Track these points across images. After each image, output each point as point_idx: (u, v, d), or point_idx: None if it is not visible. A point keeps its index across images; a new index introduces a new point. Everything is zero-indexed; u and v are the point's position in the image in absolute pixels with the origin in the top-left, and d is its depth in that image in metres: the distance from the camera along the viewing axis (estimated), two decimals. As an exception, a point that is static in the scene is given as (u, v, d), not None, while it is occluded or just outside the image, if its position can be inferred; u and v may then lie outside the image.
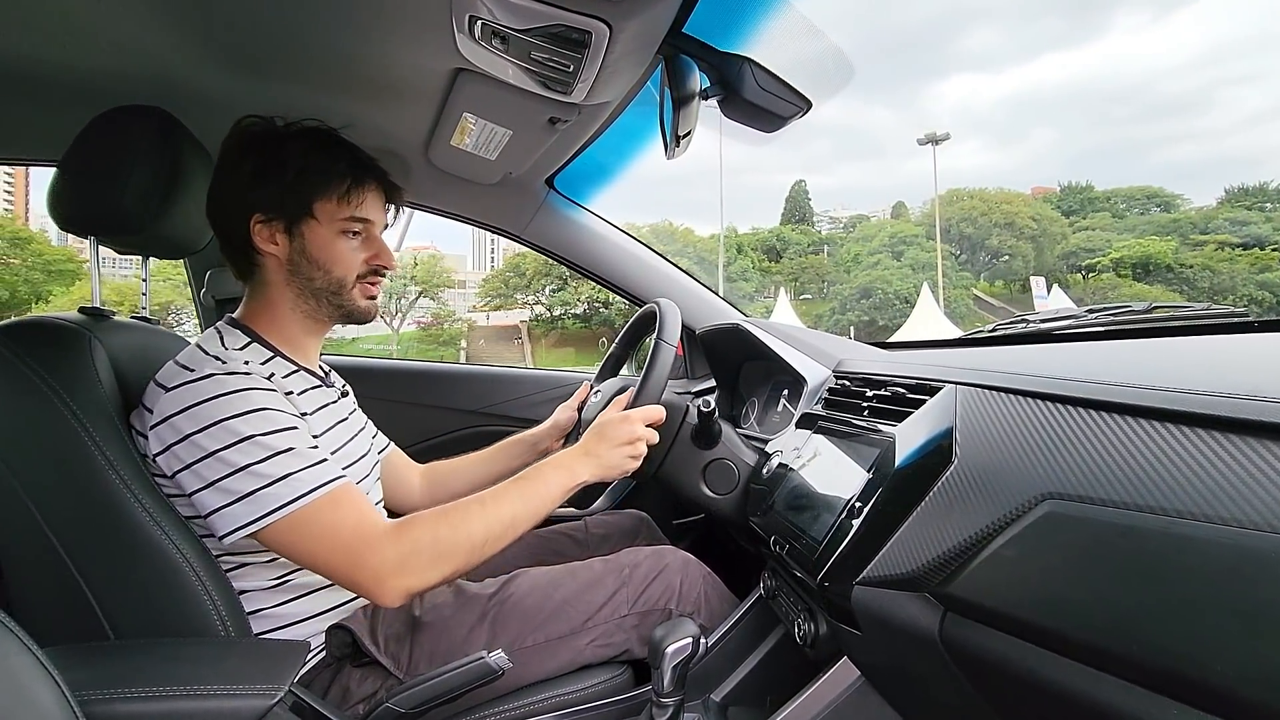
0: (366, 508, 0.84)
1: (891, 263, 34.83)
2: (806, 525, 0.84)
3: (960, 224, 36.93)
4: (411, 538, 0.82)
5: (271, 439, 0.81)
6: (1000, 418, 0.65)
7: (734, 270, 36.76)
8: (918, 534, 0.66)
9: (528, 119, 1.04)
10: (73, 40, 1.00)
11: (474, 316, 34.23)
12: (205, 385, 0.82)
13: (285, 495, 0.79)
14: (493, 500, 0.88)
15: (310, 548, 0.81)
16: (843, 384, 1.05)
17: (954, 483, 0.65)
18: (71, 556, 0.77)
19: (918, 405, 0.80)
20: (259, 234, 0.93)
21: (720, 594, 1.09)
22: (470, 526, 0.85)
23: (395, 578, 0.80)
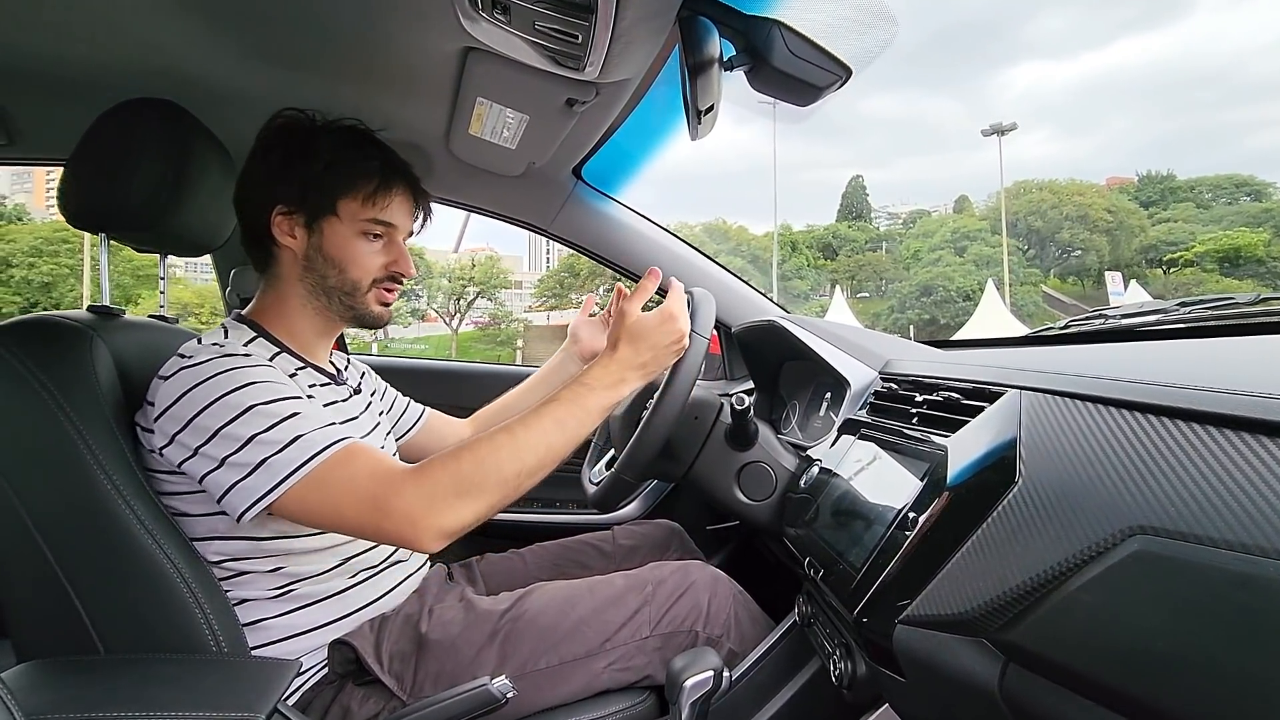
0: (381, 456, 0.79)
1: (954, 259, 33.61)
2: (845, 548, 0.74)
3: (1028, 217, 35.36)
4: (432, 475, 0.76)
5: (274, 406, 0.77)
6: (1075, 430, 0.55)
7: (788, 268, 36.16)
8: (974, 566, 0.56)
9: (544, 102, 0.97)
10: (83, 35, 0.98)
11: (530, 316, 34.74)
12: (201, 368, 0.79)
13: (298, 458, 0.75)
14: (524, 429, 0.80)
15: (333, 506, 0.75)
16: (890, 387, 0.94)
17: (1018, 506, 0.55)
18: (61, 564, 0.74)
19: (975, 413, 0.70)
20: (279, 225, 0.90)
21: (752, 616, 1.00)
22: (498, 456, 0.78)
23: (427, 517, 0.74)
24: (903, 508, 0.68)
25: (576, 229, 1.43)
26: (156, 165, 0.89)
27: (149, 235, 0.97)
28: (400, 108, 1.13)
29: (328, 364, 1.02)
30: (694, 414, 1.03)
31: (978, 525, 0.57)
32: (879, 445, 0.84)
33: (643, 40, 0.78)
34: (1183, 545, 0.42)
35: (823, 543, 0.80)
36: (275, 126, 0.92)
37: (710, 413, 1.04)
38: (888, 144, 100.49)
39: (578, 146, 1.19)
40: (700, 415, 1.03)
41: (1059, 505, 0.51)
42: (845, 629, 0.69)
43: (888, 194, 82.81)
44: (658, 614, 0.94)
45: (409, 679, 0.87)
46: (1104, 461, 0.50)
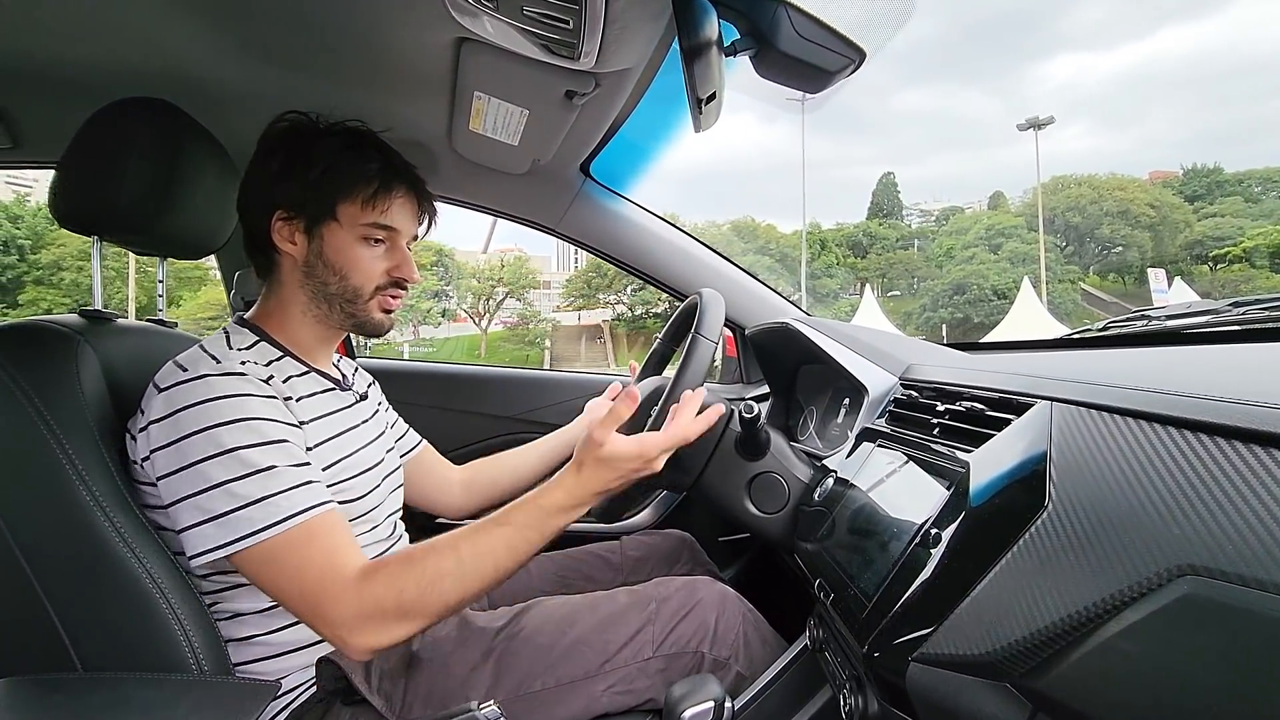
0: (341, 545, 0.76)
1: (988, 256, 32.89)
2: (857, 571, 0.68)
3: (1066, 213, 34.44)
4: (374, 593, 0.73)
5: (253, 454, 0.74)
6: (1115, 449, 0.48)
7: (817, 267, 35.75)
8: (997, 600, 0.50)
9: (542, 95, 0.93)
10: (84, 36, 0.97)
11: (558, 316, 34.91)
12: (196, 387, 0.76)
13: (259, 520, 0.72)
14: (471, 550, 0.77)
15: (276, 584, 0.74)
16: (910, 395, 0.88)
17: (1048, 533, 0.49)
18: (38, 577, 0.72)
19: (1001, 425, 0.63)
20: (279, 231, 0.88)
21: (763, 637, 0.94)
22: (443, 583, 0.75)
23: (356, 635, 0.72)
24: (920, 529, 0.62)
25: (585, 228, 1.38)
26: (147, 165, 0.87)
27: (142, 238, 0.95)
28: (401, 105, 1.10)
29: (332, 369, 0.99)
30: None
31: (1002, 553, 0.51)
32: (898, 457, 0.78)
33: (639, 26, 0.73)
34: (1242, 591, 0.36)
35: (834, 563, 0.74)
36: (277, 130, 0.90)
37: (719, 421, 0.98)
38: (920, 140, 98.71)
39: (583, 142, 1.14)
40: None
41: (1095, 535, 0.45)
42: (855, 661, 0.63)
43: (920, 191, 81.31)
44: (661, 634, 0.90)
45: (398, 699, 0.83)
46: (1148, 487, 0.44)
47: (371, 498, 0.92)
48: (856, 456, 0.89)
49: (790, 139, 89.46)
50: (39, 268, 22.71)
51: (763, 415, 1.31)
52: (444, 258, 30.17)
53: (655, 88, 1.01)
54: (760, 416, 0.93)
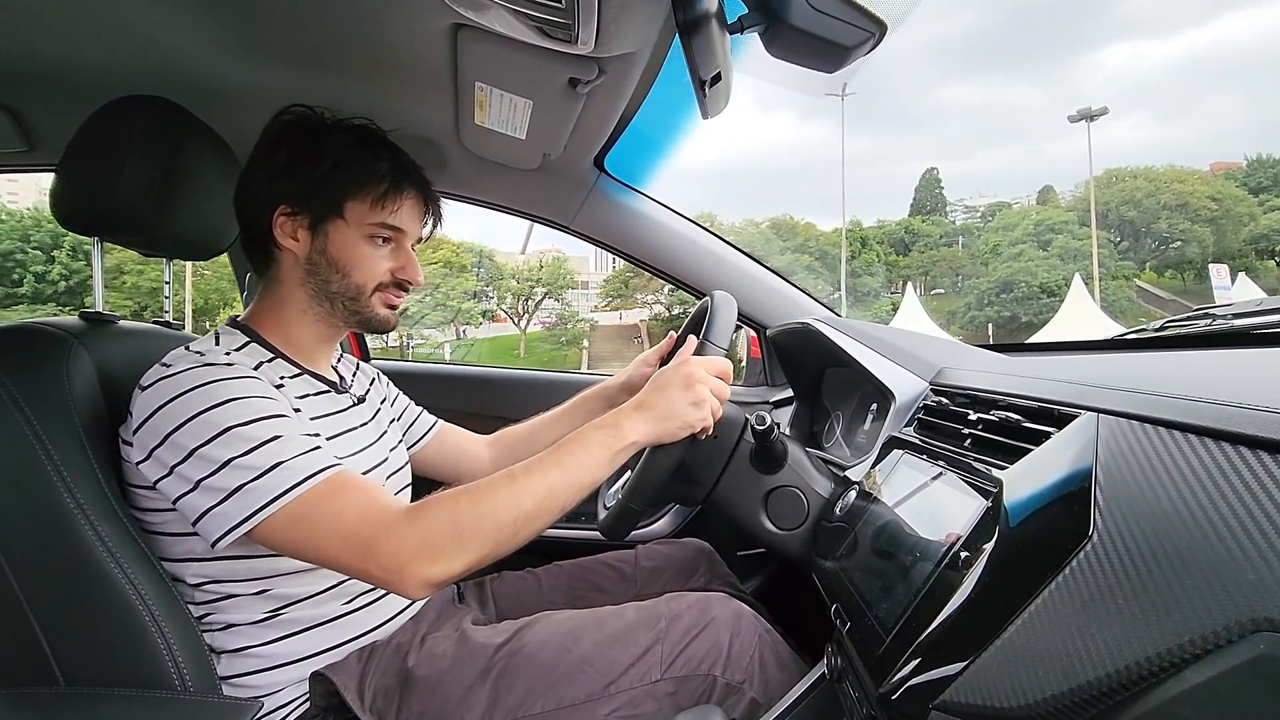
0: (374, 490, 0.73)
1: (1036, 253, 31.80)
2: (875, 598, 0.62)
3: (1121, 207, 33.08)
4: (427, 518, 0.70)
5: (253, 428, 0.71)
6: (1174, 472, 0.41)
7: (858, 265, 35.08)
8: (1031, 645, 0.43)
9: (544, 84, 0.88)
10: (93, 37, 0.96)
11: (596, 316, 35.05)
12: (180, 379, 0.73)
13: (278, 486, 0.69)
14: (524, 473, 0.74)
15: (316, 541, 0.69)
16: (940, 401, 0.80)
17: (1091, 569, 0.42)
18: (21, 586, 0.70)
19: (1040, 439, 0.56)
20: (281, 227, 0.85)
21: (781, 660, 0.87)
22: (497, 501, 0.71)
23: (414, 563, 0.68)
24: (945, 555, 0.55)
25: (600, 224, 1.33)
26: (144, 163, 0.86)
27: (143, 238, 0.93)
28: (406, 100, 1.07)
29: (329, 370, 0.96)
30: (713, 433, 0.92)
31: (1039, 589, 0.44)
32: (926, 471, 0.71)
33: (638, 6, 0.68)
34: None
35: (852, 587, 0.67)
36: (282, 123, 0.87)
37: (732, 431, 0.92)
38: (964, 134, 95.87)
39: (594, 135, 1.09)
40: (721, 434, 0.92)
41: (1150, 575, 0.38)
42: (870, 702, 0.57)
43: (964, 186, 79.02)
44: (671, 654, 0.84)
45: (391, 717, 0.79)
46: (1216, 521, 0.37)
47: None
48: (881, 468, 0.82)
49: (830, 135, 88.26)
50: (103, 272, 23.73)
51: (783, 424, 1.25)
52: (484, 259, 30.56)
53: (666, 76, 0.95)
54: (775, 428, 0.87)
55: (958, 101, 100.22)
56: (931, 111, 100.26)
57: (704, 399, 0.82)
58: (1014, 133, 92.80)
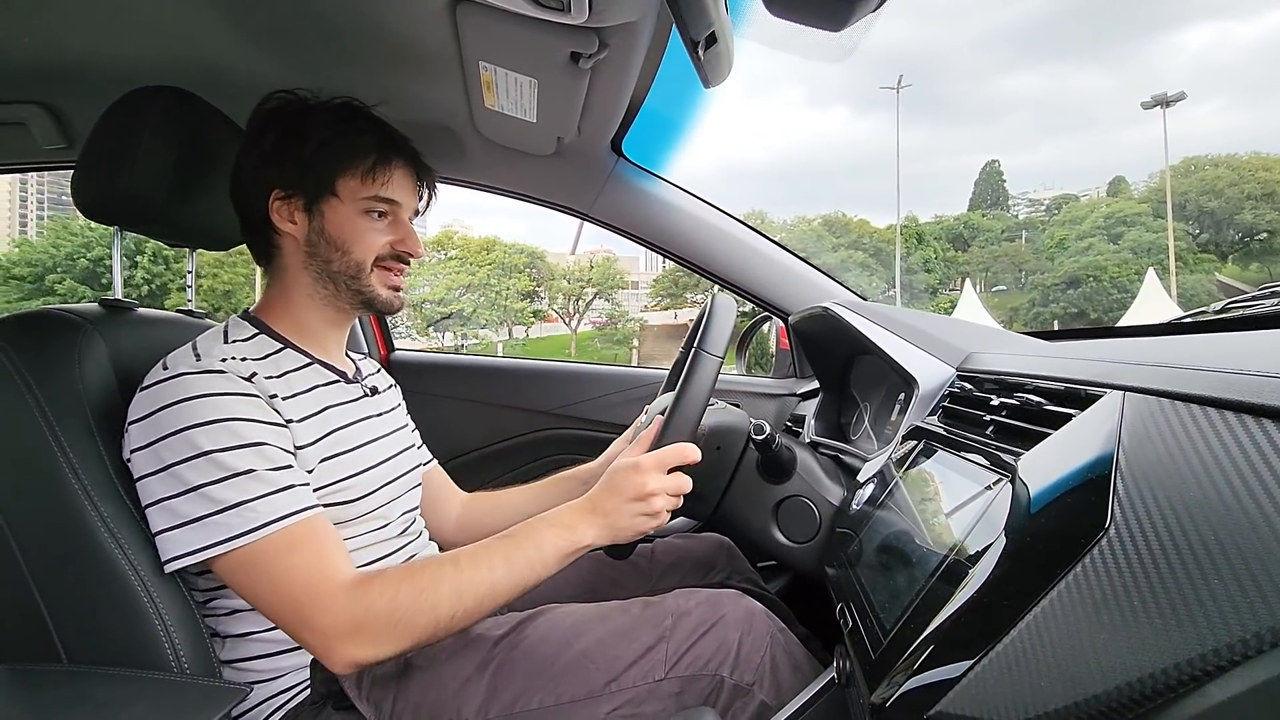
0: (328, 552, 0.72)
1: (1106, 247, 30.26)
2: (880, 598, 0.57)
3: (1200, 197, 31.17)
4: (366, 602, 0.69)
5: (230, 457, 0.71)
6: (1206, 455, 0.35)
7: (914, 261, 34.09)
8: (1035, 651, 0.38)
9: (546, 59, 0.86)
10: (107, 26, 0.99)
11: (646, 316, 35.12)
12: (172, 387, 0.74)
13: (235, 527, 0.69)
14: (470, 564, 0.73)
15: (257, 592, 0.71)
16: (965, 387, 0.74)
17: (1105, 566, 0.36)
18: (28, 565, 0.72)
19: (1062, 422, 0.50)
20: (277, 211, 0.86)
21: (795, 662, 0.83)
22: (438, 595, 0.71)
23: (343, 645, 0.68)
24: (948, 554, 0.50)
25: (619, 211, 1.30)
26: (159, 153, 0.87)
27: (162, 227, 0.95)
28: (418, 85, 1.07)
29: (341, 359, 0.95)
30: (715, 444, 0.88)
31: (1045, 590, 0.39)
32: (946, 463, 0.66)
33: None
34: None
35: (858, 586, 0.62)
36: (265, 110, 0.88)
37: (737, 441, 0.88)
38: (1028, 125, 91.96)
39: (606, 116, 1.06)
40: (724, 444, 0.88)
41: (1171, 574, 0.33)
42: (865, 710, 0.52)
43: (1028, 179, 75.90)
44: (677, 652, 0.80)
45: (388, 709, 0.78)
46: (1253, 512, 0.31)
47: (379, 495, 0.88)
48: (899, 461, 0.76)
49: (885, 130, 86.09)
50: (181, 275, 25.05)
51: (809, 415, 1.19)
52: (536, 260, 30.98)
53: (675, 54, 0.92)
54: (774, 438, 0.82)
55: (1021, 91, 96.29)
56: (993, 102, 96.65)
57: (657, 509, 0.78)
58: (1082, 122, 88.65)
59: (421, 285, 27.94)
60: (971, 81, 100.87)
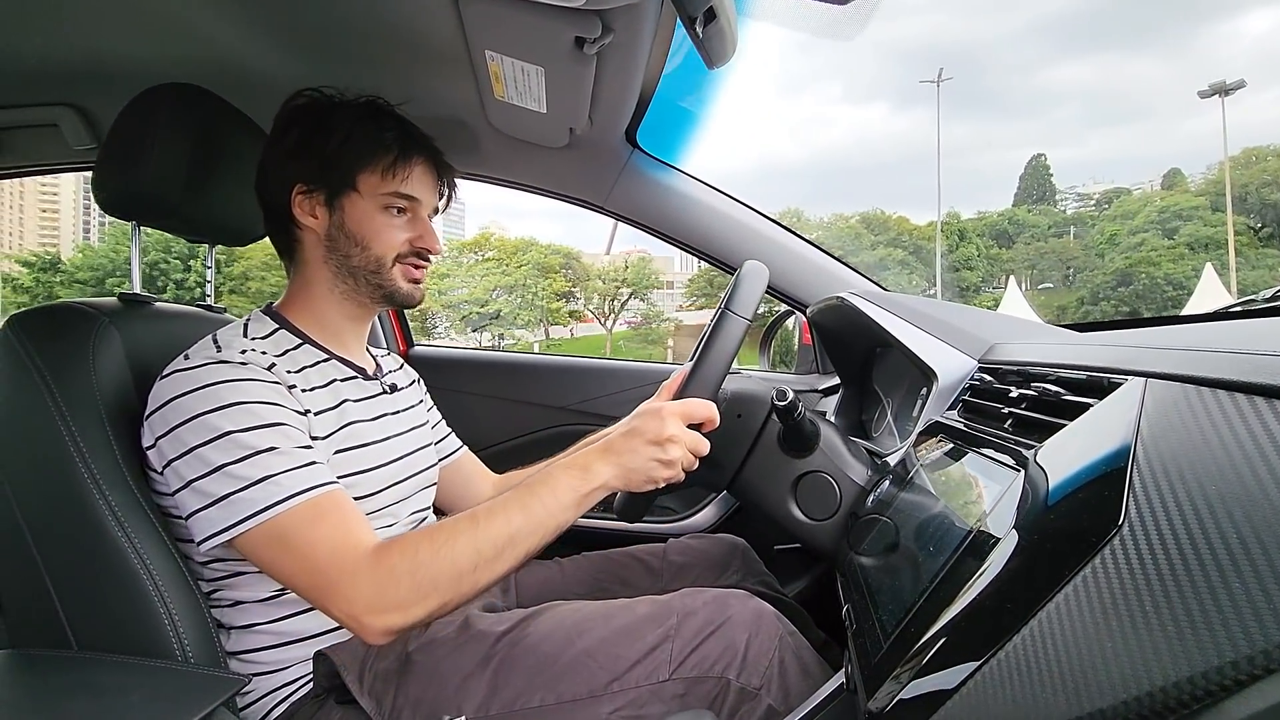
0: (353, 524, 0.72)
1: (1160, 242, 29.05)
2: (884, 599, 0.54)
3: (1262, 189, 29.73)
4: (388, 565, 0.68)
5: (251, 436, 0.72)
6: (1233, 445, 0.32)
7: (955, 259, 33.27)
8: (1039, 658, 0.34)
9: (550, 46, 0.84)
10: (130, 26, 1.01)
11: (681, 315, 35.06)
12: (193, 374, 0.75)
13: (262, 500, 0.70)
14: (486, 516, 0.71)
15: (285, 565, 0.70)
16: (984, 379, 0.70)
17: (1119, 566, 0.33)
18: (40, 553, 0.73)
19: (1080, 413, 0.46)
20: (299, 206, 0.87)
21: (805, 666, 0.79)
22: (455, 549, 0.69)
23: (373, 613, 0.67)
24: (955, 553, 0.46)
25: (635, 203, 1.28)
26: (173, 147, 0.88)
27: (177, 222, 0.96)
28: (429, 79, 1.07)
29: (361, 355, 0.96)
30: (736, 411, 0.85)
31: (1053, 591, 0.35)
32: (959, 458, 0.62)
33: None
34: None
35: (864, 586, 0.59)
36: (292, 106, 0.89)
37: (759, 410, 0.85)
38: (1076, 117, 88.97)
39: (618, 106, 1.04)
40: (745, 413, 0.85)
41: (1189, 575, 0.29)
42: (864, 719, 0.49)
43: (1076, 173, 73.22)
44: (681, 653, 0.77)
45: (388, 703, 0.77)
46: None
47: (391, 492, 0.87)
48: (915, 456, 0.72)
49: (925, 126, 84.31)
50: (232, 279, 25.90)
51: (829, 412, 1.15)
52: (571, 260, 31.18)
53: (685, 40, 0.89)
54: (798, 404, 0.79)
55: (1069, 82, 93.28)
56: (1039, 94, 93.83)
57: (674, 459, 0.75)
58: (1134, 113, 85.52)
59: (460, 286, 28.37)
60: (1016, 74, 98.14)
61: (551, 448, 1.50)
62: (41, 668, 0.68)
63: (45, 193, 53.52)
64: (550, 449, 1.48)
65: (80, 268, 25.15)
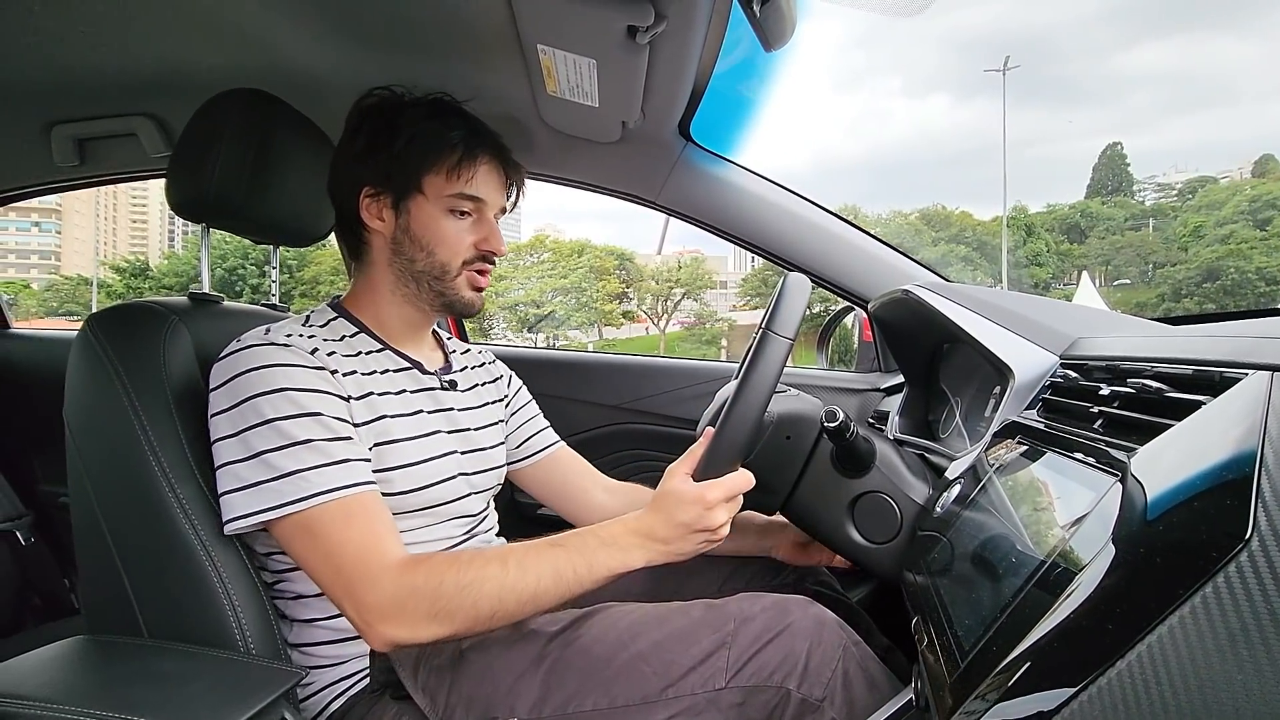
0: (381, 529, 0.74)
1: (1251, 233, 27.16)
2: (959, 611, 0.50)
3: (1369, 175, 27.47)
4: (411, 584, 0.70)
5: (290, 425, 0.74)
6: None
7: (1022, 255, 31.90)
8: (1150, 688, 0.31)
9: (602, 36, 0.83)
10: (194, 36, 1.04)
11: (734, 316, 34.80)
12: (244, 356, 0.77)
13: (288, 494, 0.72)
14: (518, 567, 0.72)
15: (310, 558, 0.73)
16: (1068, 375, 0.65)
17: (1247, 586, 0.29)
18: (115, 544, 0.76)
19: (1188, 411, 0.42)
20: (367, 208, 0.88)
21: (871, 679, 0.75)
22: (481, 591, 0.71)
23: (383, 623, 0.70)
24: (1042, 566, 0.42)
25: (687, 198, 1.25)
26: (237, 150, 0.90)
27: (242, 223, 0.99)
28: (481, 75, 1.07)
29: (420, 350, 0.96)
30: (785, 433, 0.81)
31: (1168, 610, 0.31)
32: (1044, 462, 0.57)
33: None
34: None
35: (935, 597, 0.55)
36: (361, 107, 0.89)
37: (810, 430, 0.81)
38: (1155, 103, 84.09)
39: (671, 97, 1.02)
40: (795, 434, 0.81)
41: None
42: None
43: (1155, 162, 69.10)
44: (739, 660, 0.74)
45: (442, 700, 0.77)
46: None
47: (434, 492, 0.87)
48: (990, 460, 0.68)
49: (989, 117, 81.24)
50: (303, 283, 27.07)
51: (893, 412, 1.10)
52: (625, 261, 31.35)
53: (738, 29, 0.86)
54: (849, 425, 0.74)
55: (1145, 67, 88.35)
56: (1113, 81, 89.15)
57: (720, 536, 0.75)
58: (1218, 97, 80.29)
59: (516, 288, 28.89)
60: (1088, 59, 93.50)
61: (607, 446, 1.50)
62: (113, 654, 0.70)
63: (135, 202, 57.18)
64: (606, 447, 1.47)
65: (166, 273, 26.74)
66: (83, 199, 45.38)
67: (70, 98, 1.26)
